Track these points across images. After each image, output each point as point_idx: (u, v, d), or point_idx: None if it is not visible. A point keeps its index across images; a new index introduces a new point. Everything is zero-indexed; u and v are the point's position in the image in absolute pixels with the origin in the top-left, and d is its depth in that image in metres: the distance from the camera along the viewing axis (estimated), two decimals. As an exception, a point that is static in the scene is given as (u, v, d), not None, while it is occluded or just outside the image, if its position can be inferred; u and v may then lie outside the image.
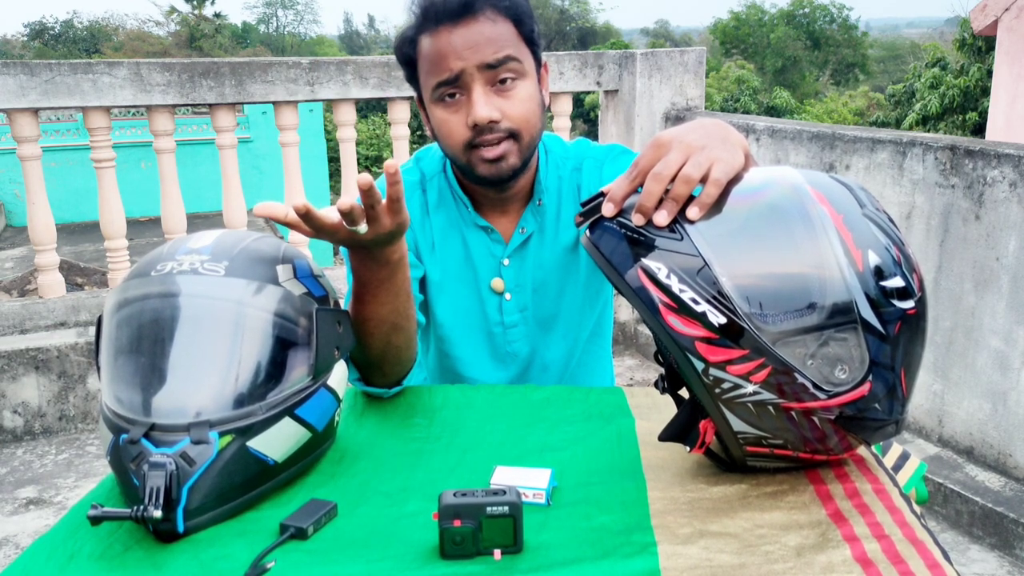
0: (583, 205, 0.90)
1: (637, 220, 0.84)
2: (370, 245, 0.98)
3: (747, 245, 0.81)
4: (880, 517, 0.82)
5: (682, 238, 0.82)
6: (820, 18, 31.26)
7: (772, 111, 21.94)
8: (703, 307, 0.79)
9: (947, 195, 2.71)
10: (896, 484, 0.90)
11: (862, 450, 0.97)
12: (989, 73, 12.32)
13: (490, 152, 1.19)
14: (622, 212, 0.86)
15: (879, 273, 0.81)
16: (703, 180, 0.84)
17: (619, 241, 0.84)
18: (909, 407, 0.87)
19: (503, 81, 1.18)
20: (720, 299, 0.79)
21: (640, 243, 0.83)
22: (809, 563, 0.76)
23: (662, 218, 0.83)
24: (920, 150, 2.78)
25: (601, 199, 0.88)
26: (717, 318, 0.79)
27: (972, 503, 2.58)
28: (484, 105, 1.16)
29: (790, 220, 0.81)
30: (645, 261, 0.82)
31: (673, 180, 0.84)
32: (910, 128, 15.12)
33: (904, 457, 1.02)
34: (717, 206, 0.83)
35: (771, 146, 3.36)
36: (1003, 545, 2.50)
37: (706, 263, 0.80)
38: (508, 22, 1.19)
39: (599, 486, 0.92)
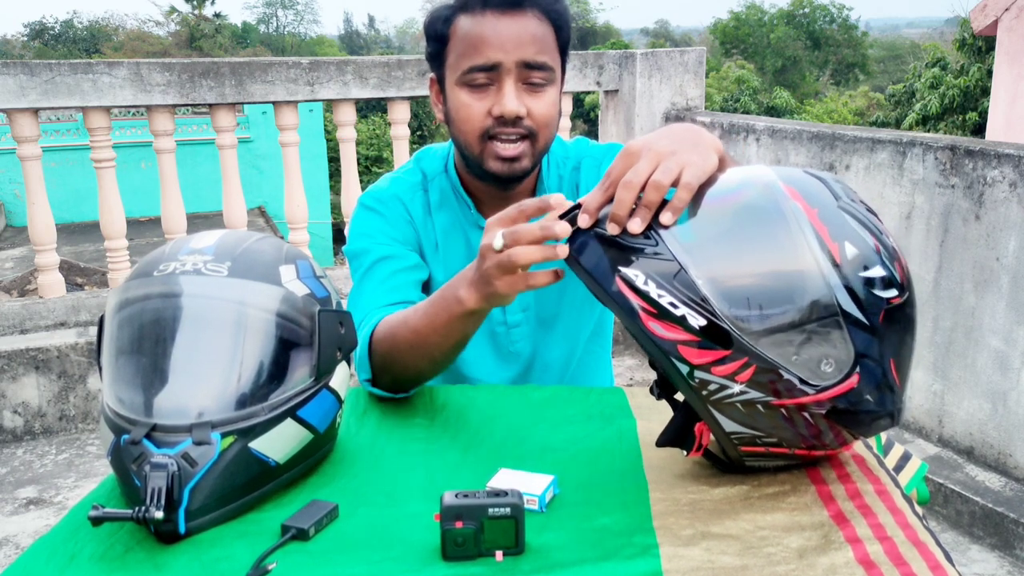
0: (560, 218, 0.90)
1: (612, 229, 0.84)
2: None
3: (722, 246, 0.81)
4: (882, 518, 0.82)
5: (657, 244, 0.82)
6: (820, 18, 31.25)
7: (772, 111, 21.93)
8: (682, 311, 0.79)
9: (947, 195, 2.71)
10: (898, 485, 0.90)
11: (863, 450, 0.97)
12: (989, 73, 12.31)
13: (507, 151, 1.19)
14: (598, 223, 0.86)
15: (858, 264, 0.81)
16: (675, 185, 0.84)
17: (596, 251, 0.85)
18: (905, 399, 0.87)
19: (533, 83, 1.18)
20: (699, 302, 0.79)
21: (617, 252, 0.83)
22: (811, 565, 0.76)
23: (636, 226, 0.83)
24: (920, 150, 2.78)
25: (577, 211, 0.88)
26: (697, 320, 0.79)
27: (972, 503, 2.58)
28: (514, 99, 1.17)
29: (764, 218, 0.82)
30: (623, 269, 0.82)
31: (644, 188, 0.84)
32: (910, 128, 15.11)
33: (905, 458, 1.02)
34: (691, 209, 0.84)
35: (771, 146, 3.36)
36: (1003, 545, 2.50)
37: (682, 267, 0.80)
38: (551, 27, 1.19)
39: (600, 487, 0.92)
